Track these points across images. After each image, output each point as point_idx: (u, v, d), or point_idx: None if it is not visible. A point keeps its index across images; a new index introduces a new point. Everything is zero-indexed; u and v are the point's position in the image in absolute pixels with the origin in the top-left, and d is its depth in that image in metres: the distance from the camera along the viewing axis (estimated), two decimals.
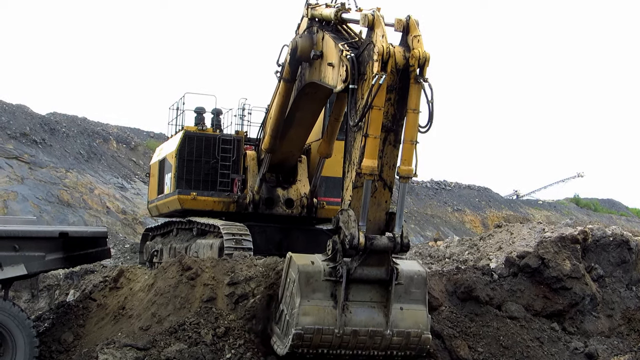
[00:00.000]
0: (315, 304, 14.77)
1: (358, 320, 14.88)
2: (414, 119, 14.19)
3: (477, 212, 75.85)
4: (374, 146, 14.19)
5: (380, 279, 14.73)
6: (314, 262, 14.85)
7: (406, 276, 14.93)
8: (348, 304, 14.81)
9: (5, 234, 16.36)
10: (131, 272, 19.51)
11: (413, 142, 14.27)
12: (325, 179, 21.99)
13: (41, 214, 40.13)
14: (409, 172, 14.41)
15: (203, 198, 22.69)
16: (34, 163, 44.21)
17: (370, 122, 14.03)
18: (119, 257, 31.90)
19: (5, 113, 46.97)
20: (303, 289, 14.73)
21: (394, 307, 14.90)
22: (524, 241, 24.55)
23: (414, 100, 14.15)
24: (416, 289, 15.11)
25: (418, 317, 15.16)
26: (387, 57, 13.85)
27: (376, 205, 14.76)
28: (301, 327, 14.64)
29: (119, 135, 56.83)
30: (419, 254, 28.74)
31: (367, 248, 14.27)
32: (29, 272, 16.61)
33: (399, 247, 14.42)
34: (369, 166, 14.16)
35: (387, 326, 14.91)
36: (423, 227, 66.62)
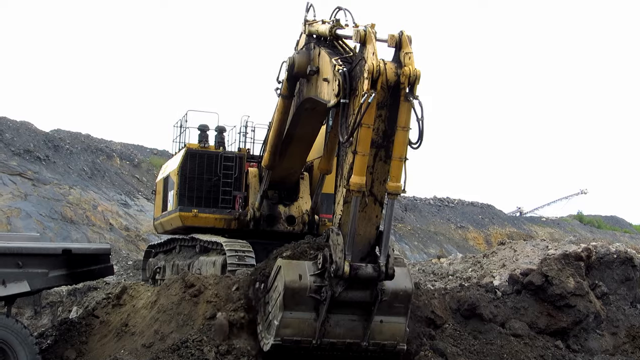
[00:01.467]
0: (297, 317, 15.01)
1: (337, 332, 15.16)
2: (403, 136, 14.17)
3: (480, 229, 75.77)
4: (363, 163, 14.18)
5: (364, 301, 14.88)
6: (301, 277, 14.88)
7: (392, 293, 14.99)
8: (330, 316, 15.00)
9: (9, 251, 16.36)
10: (134, 289, 19.50)
11: (402, 159, 14.25)
12: (326, 196, 21.93)
13: (44, 231, 40.12)
14: (397, 188, 14.39)
15: (204, 215, 22.69)
16: (38, 180, 44.24)
17: (360, 140, 14.01)
18: (122, 274, 31.86)
19: (10, 130, 47.04)
20: (287, 303, 14.91)
21: (374, 319, 15.09)
22: (527, 258, 24.50)
23: (403, 118, 14.11)
24: (399, 304, 15.22)
25: (396, 330, 15.37)
26: (377, 75, 13.78)
27: (366, 220, 14.73)
28: (280, 338, 15.06)
29: (122, 152, 56.91)
30: (422, 271, 28.67)
31: (352, 277, 14.34)
32: (32, 288, 16.61)
33: (384, 277, 14.45)
34: (356, 183, 14.14)
35: (364, 338, 15.18)
36: (426, 244, 66.51)
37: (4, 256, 16.13)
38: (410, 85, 13.94)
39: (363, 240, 14.73)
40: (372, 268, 14.44)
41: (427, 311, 18.42)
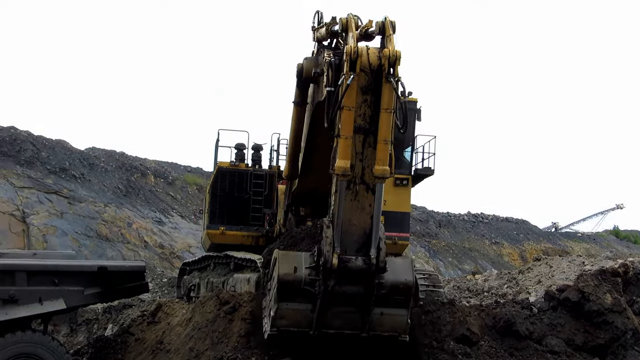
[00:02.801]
0: (293, 308, 15.02)
1: (335, 324, 15.13)
2: (387, 118, 14.20)
3: (515, 245, 75.27)
4: (346, 147, 14.22)
5: (359, 294, 14.75)
6: (296, 269, 14.82)
7: (391, 285, 14.81)
8: (328, 307, 14.93)
9: (45, 269, 16.49)
10: (169, 306, 19.56)
11: (387, 141, 14.25)
12: None
13: (80, 249, 40.38)
14: (383, 172, 14.35)
15: (232, 233, 22.80)
16: (73, 198, 44.55)
17: (342, 123, 14.10)
18: (157, 291, 31.99)
19: (45, 148, 47.45)
20: (282, 295, 14.94)
21: (374, 311, 14.99)
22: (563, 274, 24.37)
23: (386, 100, 14.15)
24: (400, 296, 15.04)
25: (397, 321, 15.23)
26: (356, 57, 13.89)
27: (360, 210, 14.69)
28: (276, 329, 15.14)
29: (156, 169, 57.19)
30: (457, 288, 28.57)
31: (341, 270, 14.29)
32: (68, 306, 16.70)
33: (374, 269, 14.36)
34: (341, 167, 14.17)
35: (364, 330, 15.11)
36: (461, 260, 66.17)
37: (40, 274, 16.26)
38: (391, 65, 14.02)
39: (358, 231, 14.68)
40: (363, 261, 14.40)
41: (463, 328, 18.29)
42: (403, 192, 21.80)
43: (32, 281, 16.04)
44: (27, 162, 44.86)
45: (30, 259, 18.09)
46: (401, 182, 21.64)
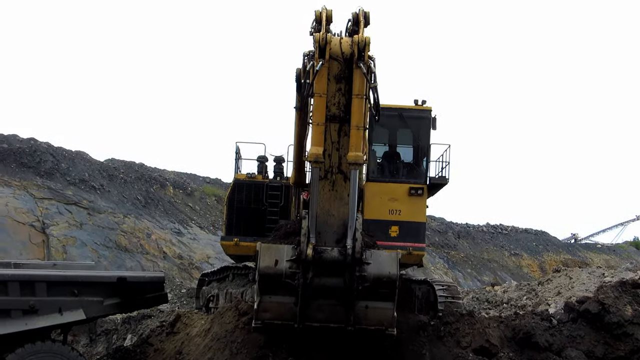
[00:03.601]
0: (276, 301, 15.19)
1: (319, 317, 15.21)
2: (358, 104, 14.30)
3: (534, 256, 74.95)
4: (318, 133, 14.33)
5: (338, 287, 14.76)
6: (277, 262, 14.89)
7: (374, 278, 14.81)
8: (311, 301, 15.00)
9: (65, 279, 16.54)
10: (188, 317, 19.59)
11: (359, 127, 14.34)
12: (370, 222, 21.92)
13: (99, 259, 40.48)
14: (356, 158, 14.39)
15: (245, 244, 22.86)
16: (93, 209, 44.68)
17: (314, 110, 14.29)
18: (176, 302, 32.00)
19: (65, 160, 47.65)
20: (263, 288, 15.10)
21: (358, 304, 14.98)
22: (583, 286, 24.25)
23: (357, 85, 14.28)
24: (385, 289, 15.02)
25: (383, 315, 15.23)
26: (324, 44, 14.03)
27: (338, 200, 14.84)
28: (260, 322, 15.30)
29: (175, 180, 57.31)
30: (476, 299, 28.48)
31: (316, 262, 14.34)
32: (88, 316, 16.74)
33: (350, 260, 14.35)
34: (313, 153, 14.27)
35: (349, 323, 15.09)
36: (480, 271, 65.94)
37: (60, 284, 16.31)
38: (360, 51, 14.13)
39: (337, 222, 14.80)
40: (338, 252, 14.48)
41: (482, 340, 18.25)
42: (418, 201, 21.69)
43: (52, 291, 16.09)
44: (47, 173, 45.06)
45: (50, 270, 18.18)
46: (416, 192, 21.56)
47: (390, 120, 22.76)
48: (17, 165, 43.86)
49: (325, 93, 14.33)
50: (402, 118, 22.66)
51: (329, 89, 14.55)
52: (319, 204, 14.77)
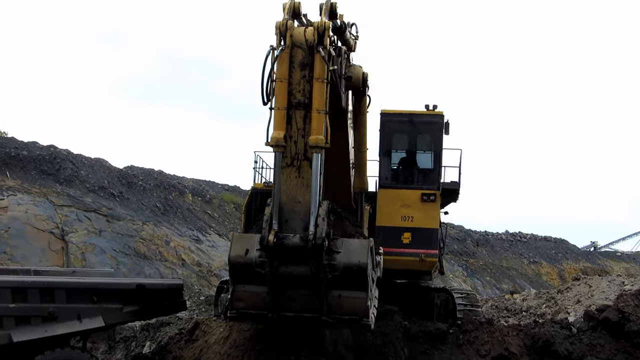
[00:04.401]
0: (250, 290, 15.21)
1: (293, 306, 15.18)
2: (319, 87, 14.53)
3: (553, 264, 74.71)
4: (280, 118, 14.57)
5: (306, 275, 14.74)
6: (248, 251, 14.97)
7: (344, 267, 14.76)
8: (284, 290, 15.00)
9: (84, 286, 16.59)
10: (206, 324, 19.62)
11: (320, 111, 14.53)
12: (382, 228, 21.86)
13: (118, 266, 40.58)
14: (317, 141, 14.55)
15: None
16: (112, 216, 44.80)
17: (276, 95, 14.54)
18: (194, 309, 32.02)
19: (85, 167, 47.83)
20: (235, 278, 15.22)
21: (331, 294, 14.93)
22: (603, 294, 24.16)
23: (317, 70, 14.54)
24: (356, 278, 14.93)
25: (356, 304, 15.11)
26: (284, 30, 14.43)
27: (304, 187, 14.79)
28: (235, 312, 15.38)
29: (194, 188, 57.44)
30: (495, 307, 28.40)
31: (278, 248, 14.37)
32: (107, 323, 16.78)
33: (311, 246, 14.32)
34: (274, 137, 14.50)
35: (323, 313, 15.06)
36: (499, 279, 65.74)
37: (79, 292, 16.36)
38: (320, 36, 14.51)
39: (304, 209, 14.72)
40: (300, 238, 14.41)
41: (501, 348, 18.20)
42: (431, 207, 21.63)
43: (71, 299, 16.14)
44: (66, 180, 45.25)
45: (70, 277, 18.27)
46: (428, 198, 21.49)
47: (401, 126, 22.75)
48: (37, 172, 44.06)
49: (287, 78, 14.63)
50: (414, 124, 22.65)
51: (294, 76, 14.82)
52: (286, 192, 14.85)
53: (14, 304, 15.19)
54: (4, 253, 37.08)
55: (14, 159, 43.54)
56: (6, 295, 15.14)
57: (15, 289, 15.33)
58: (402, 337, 19.32)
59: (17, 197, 40.67)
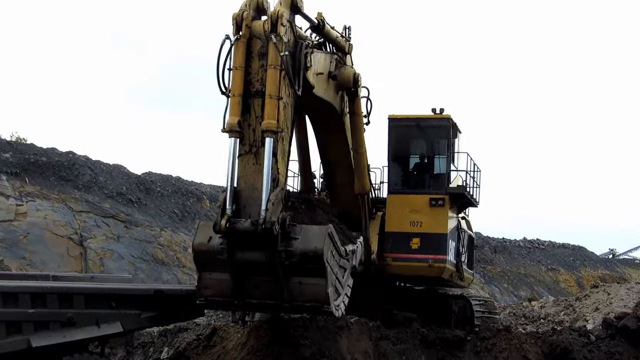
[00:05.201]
0: (215, 277, 15.48)
1: (256, 293, 15.36)
2: (272, 74, 14.85)
3: (571, 272, 74.43)
4: (234, 104, 14.96)
5: (261, 261, 14.88)
6: (211, 238, 15.19)
7: (301, 253, 14.84)
8: (248, 277, 15.20)
9: (103, 292, 16.63)
10: (224, 330, 19.65)
11: (272, 96, 14.81)
12: (391, 234, 21.81)
13: (136, 272, 40.73)
14: (269, 125, 14.78)
15: None
16: (130, 222, 44.95)
17: (232, 82, 14.99)
18: (212, 315, 32.07)
19: (103, 173, 48.03)
20: (200, 265, 15.60)
21: (292, 280, 15.05)
22: (621, 302, 24.08)
23: (270, 57, 14.90)
24: (314, 264, 14.99)
25: (316, 291, 15.14)
26: (240, 20, 14.94)
27: (261, 173, 14.95)
28: (203, 299, 15.70)
29: (212, 194, 57.51)
30: (513, 315, 28.33)
31: (230, 232, 14.59)
32: (125, 329, 16.81)
33: (260, 230, 14.41)
34: (229, 123, 14.90)
35: (285, 300, 15.18)
36: (516, 286, 65.54)
37: (98, 297, 16.40)
38: (273, 24, 14.94)
39: (261, 195, 14.83)
40: (250, 222, 14.53)
41: (519, 356, 18.15)
42: (439, 212, 21.54)
43: (90, 304, 16.17)
44: (85, 186, 45.43)
45: (88, 283, 18.30)
46: (437, 203, 21.42)
47: (409, 130, 22.76)
48: (55, 178, 44.28)
49: (242, 66, 15.03)
50: (421, 128, 22.65)
51: (253, 66, 15.24)
52: (244, 178, 15.11)
53: (33, 309, 15.23)
54: (23, 258, 37.29)
55: (33, 165, 43.76)
56: (25, 301, 15.19)
57: (34, 295, 15.38)
58: (420, 344, 19.30)
59: (36, 203, 40.89)
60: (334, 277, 15.41)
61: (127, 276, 24.81)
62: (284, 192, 14.95)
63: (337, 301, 15.59)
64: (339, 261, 15.71)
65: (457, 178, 22.70)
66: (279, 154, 15.11)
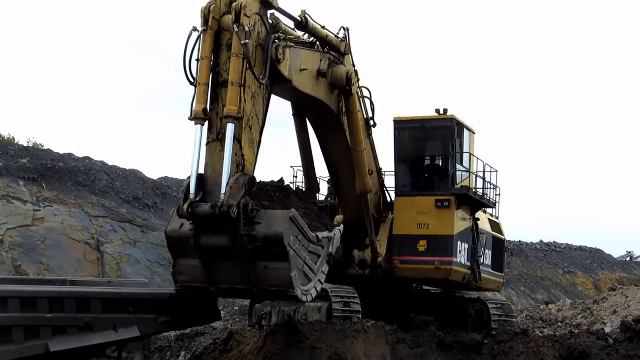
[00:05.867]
0: (189, 264, 15.73)
1: (226, 278, 15.61)
2: (235, 61, 15.27)
3: (589, 274, 74.13)
4: (200, 92, 15.45)
5: (224, 246, 15.13)
6: (182, 225, 15.50)
7: (263, 237, 15.04)
8: (218, 262, 15.45)
9: (120, 296, 16.71)
10: (241, 334, 19.69)
11: (234, 83, 15.20)
12: (399, 237, 21.76)
13: (152, 276, 40.82)
14: (229, 111, 15.15)
15: None
16: (146, 226, 45.04)
17: (199, 72, 15.50)
18: (228, 319, 32.17)
19: (120, 178, 48.16)
20: (175, 251, 15.94)
21: (258, 265, 15.25)
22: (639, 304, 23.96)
23: (233, 46, 15.32)
24: (275, 248, 15.12)
25: (280, 275, 15.27)
26: (207, 13, 15.52)
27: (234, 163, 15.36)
28: (179, 284, 15.99)
29: None
30: (530, 318, 28.27)
31: (191, 215, 14.96)
32: (142, 333, 16.88)
33: (218, 214, 14.67)
34: (195, 110, 15.39)
35: (253, 284, 15.41)
36: (533, 289, 65.33)
37: (115, 301, 16.47)
38: (237, 14, 15.34)
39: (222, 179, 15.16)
40: (210, 206, 14.86)
41: (536, 359, 18.10)
42: (445, 214, 21.46)
43: (107, 308, 16.25)
44: (101, 191, 45.57)
45: (105, 287, 18.39)
46: (442, 204, 21.36)
47: (414, 132, 22.76)
48: (72, 183, 44.44)
49: (208, 56, 15.54)
50: (425, 129, 22.63)
51: (221, 57, 15.72)
52: (211, 165, 15.50)
53: (50, 314, 15.33)
54: (41, 263, 37.43)
55: (50, 170, 43.93)
56: (43, 305, 15.28)
57: (52, 299, 15.48)
58: (437, 348, 19.28)
59: (53, 208, 41.04)
60: (300, 261, 15.58)
61: (144, 280, 24.90)
62: (247, 178, 15.30)
63: (307, 286, 15.80)
64: (307, 246, 15.83)
65: (468, 178, 22.59)
66: (246, 141, 15.53)
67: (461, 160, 22.53)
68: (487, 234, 23.80)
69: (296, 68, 16.95)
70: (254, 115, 15.76)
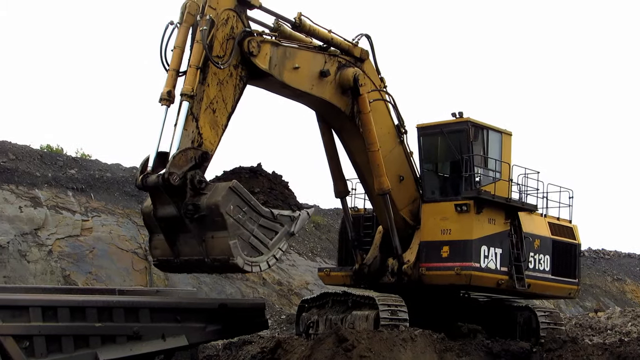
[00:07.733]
0: (160, 238, 16.78)
1: (186, 251, 16.48)
2: (196, 47, 16.68)
3: (638, 282, 73.22)
4: (169, 77, 16.78)
5: (173, 216, 16.01)
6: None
7: (206, 207, 15.86)
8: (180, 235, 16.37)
9: (168, 306, 16.84)
10: (288, 343, 19.71)
11: (192, 66, 16.51)
12: (425, 243, 21.58)
13: (200, 286, 40.99)
14: (184, 90, 16.38)
15: (335, 273, 23.42)
16: None
17: (171, 59, 16.94)
18: (276, 328, 32.21)
19: None
20: (149, 228, 17.15)
21: (207, 235, 16.01)
22: None
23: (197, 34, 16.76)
24: (216, 217, 15.80)
25: (223, 244, 15.92)
26: (184, 9, 16.97)
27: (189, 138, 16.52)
28: (156, 259, 17.16)
29: None
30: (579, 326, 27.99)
31: (144, 186, 16.10)
32: (190, 342, 17.00)
33: (161, 183, 15.64)
34: (162, 92, 16.68)
35: (205, 254, 16.14)
36: (582, 297, 64.65)
37: (163, 311, 16.60)
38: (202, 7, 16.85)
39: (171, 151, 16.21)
40: (157, 176, 15.84)
41: None
42: (466, 218, 21.12)
43: (156, 318, 16.39)
44: None
45: (153, 296, 18.55)
46: (461, 209, 21.10)
47: (434, 138, 22.65)
48: (120, 193, 44.82)
49: (180, 46, 16.99)
50: (443, 134, 22.48)
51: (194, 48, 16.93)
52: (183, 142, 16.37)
53: (99, 323, 15.49)
54: (89, 273, 37.76)
55: (98, 180, 44.37)
56: (92, 315, 15.45)
57: (101, 309, 15.64)
58: (485, 356, 19.17)
59: (101, 218, 41.42)
60: (244, 232, 16.09)
61: (192, 290, 25.03)
62: (199, 153, 16.28)
63: (255, 259, 16.32)
64: (257, 219, 16.34)
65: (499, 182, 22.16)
66: (206, 122, 16.72)
67: (485, 163, 22.28)
68: (542, 238, 23.29)
69: (288, 66, 18.16)
70: (220, 100, 16.96)
